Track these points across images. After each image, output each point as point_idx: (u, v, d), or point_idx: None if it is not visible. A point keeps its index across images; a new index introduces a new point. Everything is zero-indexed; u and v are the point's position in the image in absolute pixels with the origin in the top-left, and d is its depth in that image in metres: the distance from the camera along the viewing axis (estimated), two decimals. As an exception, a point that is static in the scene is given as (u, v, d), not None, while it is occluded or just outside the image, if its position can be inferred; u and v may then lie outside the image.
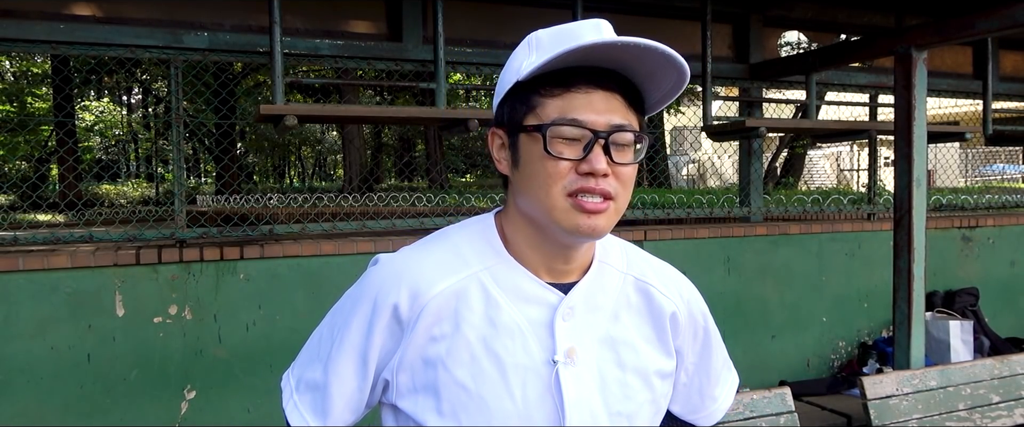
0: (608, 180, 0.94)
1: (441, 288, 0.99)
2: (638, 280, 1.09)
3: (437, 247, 1.05)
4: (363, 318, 1.01)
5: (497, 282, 1.00)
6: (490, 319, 0.99)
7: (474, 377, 0.97)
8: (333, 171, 33.82)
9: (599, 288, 1.04)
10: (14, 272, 2.95)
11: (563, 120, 0.93)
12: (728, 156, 14.81)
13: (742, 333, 4.28)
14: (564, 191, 0.93)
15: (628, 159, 0.96)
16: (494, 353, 0.98)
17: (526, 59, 0.97)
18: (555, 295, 1.01)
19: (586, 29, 0.96)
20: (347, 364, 1.01)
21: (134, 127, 26.31)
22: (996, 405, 2.97)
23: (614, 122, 0.94)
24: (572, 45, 0.90)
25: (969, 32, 3.14)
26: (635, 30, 3.21)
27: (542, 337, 0.99)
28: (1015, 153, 15.97)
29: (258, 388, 3.27)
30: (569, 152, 0.93)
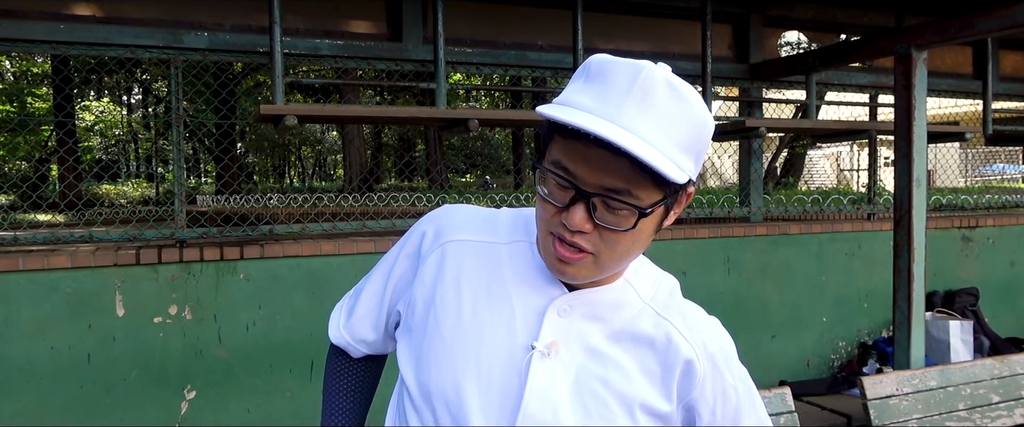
0: (586, 237, 0.90)
1: (462, 237, 1.06)
2: (658, 315, 1.03)
3: (483, 210, 1.11)
4: (400, 244, 1.13)
5: (512, 259, 1.03)
6: (489, 288, 1.01)
7: (453, 331, 1.00)
8: (333, 171, 33.83)
9: (611, 304, 1.01)
10: (14, 272, 2.95)
11: (557, 167, 0.90)
12: (728, 156, 14.81)
13: (742, 333, 4.27)
14: (547, 227, 0.94)
15: (616, 225, 0.89)
16: (479, 318, 1.00)
17: (574, 83, 0.91)
18: (560, 290, 1.00)
19: (622, 75, 0.87)
20: (377, 280, 1.14)
21: (134, 127, 26.32)
22: (996, 405, 2.97)
23: (606, 185, 0.87)
24: (564, 116, 0.84)
25: (969, 32, 3.14)
26: (635, 30, 3.25)
27: (530, 322, 0.99)
28: (1015, 153, 15.97)
29: (258, 388, 3.27)
30: (558, 196, 0.91)
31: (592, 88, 0.88)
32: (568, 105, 0.88)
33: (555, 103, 0.90)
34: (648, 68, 0.87)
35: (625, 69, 0.87)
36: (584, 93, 0.88)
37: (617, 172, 0.86)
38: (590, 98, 0.87)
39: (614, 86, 0.86)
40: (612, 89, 0.86)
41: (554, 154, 0.91)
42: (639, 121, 0.85)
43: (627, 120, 0.84)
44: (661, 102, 0.86)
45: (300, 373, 3.31)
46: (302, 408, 3.31)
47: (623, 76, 0.86)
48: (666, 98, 0.86)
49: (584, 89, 0.89)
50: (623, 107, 0.85)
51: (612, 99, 0.85)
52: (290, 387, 3.30)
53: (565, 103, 0.89)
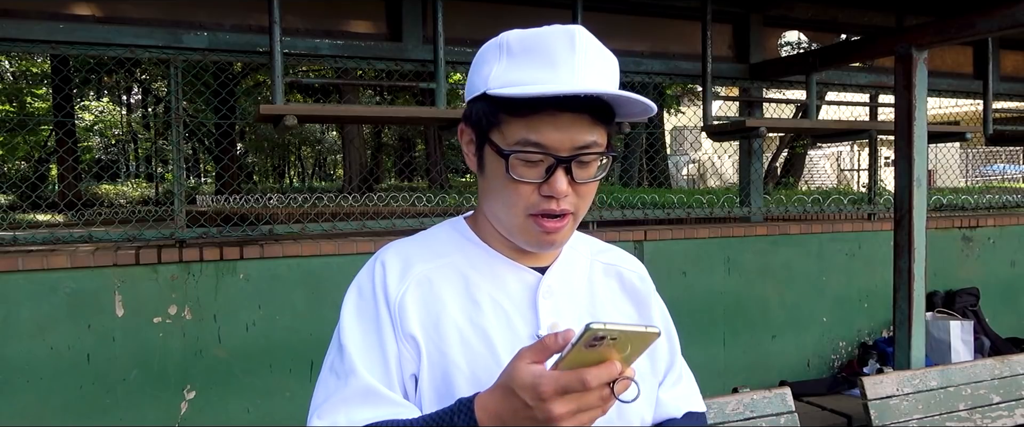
0: (569, 198, 0.97)
1: (421, 270, 1.03)
2: (607, 265, 1.14)
3: (412, 242, 1.09)
4: (357, 311, 1.03)
5: (475, 267, 1.05)
6: (472, 298, 1.02)
7: (464, 354, 0.99)
8: (333, 171, 33.81)
9: (574, 269, 1.09)
10: (14, 272, 2.94)
11: (527, 144, 0.94)
12: (728, 156, 14.80)
13: (742, 333, 4.28)
14: (525, 211, 0.98)
15: (590, 175, 0.98)
16: (481, 329, 1.01)
17: (496, 65, 0.96)
18: (532, 275, 1.05)
19: (558, 43, 0.94)
20: (371, 353, 0.99)
21: (134, 127, 26.31)
22: (996, 405, 2.96)
23: (578, 143, 0.95)
24: (541, 90, 0.90)
25: (969, 32, 3.14)
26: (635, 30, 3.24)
27: (525, 314, 1.03)
28: (1015, 153, 15.96)
29: (258, 388, 3.27)
30: (531, 174, 0.95)
31: (530, 61, 0.94)
32: (514, 84, 0.93)
33: (495, 88, 0.94)
34: (578, 31, 0.95)
35: (558, 36, 0.94)
36: (523, 68, 0.94)
37: (582, 128, 0.94)
38: (537, 70, 0.93)
39: (557, 53, 0.93)
40: (557, 56, 0.93)
41: (515, 135, 0.94)
42: (593, 76, 0.94)
43: (587, 79, 0.93)
44: (600, 57, 0.97)
45: (300, 373, 3.31)
46: (302, 408, 3.29)
47: (561, 42, 0.94)
48: (600, 52, 0.97)
49: (519, 65, 0.94)
50: (578, 69, 0.93)
51: (563, 65, 0.93)
52: (290, 387, 3.30)
53: (508, 84, 0.93)
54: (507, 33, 0.98)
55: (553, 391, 0.79)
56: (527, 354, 0.83)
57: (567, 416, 0.79)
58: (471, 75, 1.03)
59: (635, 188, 12.26)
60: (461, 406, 0.88)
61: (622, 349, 0.80)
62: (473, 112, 1.00)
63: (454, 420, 0.87)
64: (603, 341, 0.77)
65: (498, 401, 0.84)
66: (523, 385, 0.81)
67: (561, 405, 0.79)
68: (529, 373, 0.81)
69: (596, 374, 0.78)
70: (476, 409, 0.86)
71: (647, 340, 0.81)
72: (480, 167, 1.02)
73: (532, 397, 0.80)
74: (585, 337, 0.76)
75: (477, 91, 0.99)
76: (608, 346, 0.78)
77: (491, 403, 0.85)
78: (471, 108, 1.01)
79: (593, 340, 0.77)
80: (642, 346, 0.81)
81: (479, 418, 0.85)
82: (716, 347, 4.18)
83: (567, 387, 0.78)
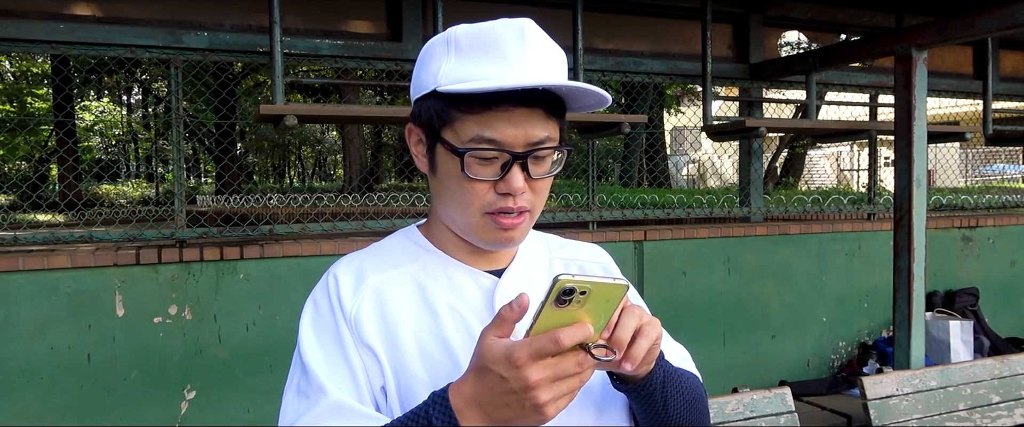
0: (524, 195, 0.96)
1: (374, 281, 1.01)
2: (566, 260, 1.13)
3: (365, 254, 1.06)
4: (315, 328, 0.99)
5: (430, 275, 1.02)
6: (429, 308, 1.00)
7: (424, 364, 0.96)
8: (333, 171, 33.81)
9: (529, 271, 1.07)
10: (14, 272, 2.95)
11: (481, 141, 0.92)
12: (728, 156, 14.79)
13: (742, 333, 4.28)
14: (482, 210, 0.96)
15: (545, 171, 0.97)
16: (440, 338, 0.98)
17: (444, 61, 0.95)
18: (489, 279, 1.03)
19: (508, 36, 0.93)
20: (336, 369, 0.95)
21: (134, 127, 26.31)
22: (996, 405, 2.96)
23: (533, 139, 0.94)
24: (494, 83, 0.89)
25: (969, 32, 3.14)
26: (635, 30, 3.24)
27: (483, 318, 0.98)
28: (1015, 153, 15.97)
29: (258, 388, 3.27)
30: (486, 172, 0.94)
31: (480, 56, 0.93)
32: (465, 80, 0.91)
33: (445, 85, 0.93)
34: (527, 24, 0.94)
35: (507, 30, 0.93)
36: (473, 64, 0.93)
37: (535, 123, 0.93)
38: (488, 65, 0.92)
39: (508, 47, 0.92)
40: (507, 50, 0.92)
41: (468, 133, 0.93)
42: (545, 69, 0.93)
43: (539, 72, 0.92)
44: (549, 49, 0.96)
45: (300, 373, 3.31)
46: (302, 408, 3.30)
47: (511, 36, 0.93)
48: (549, 45, 0.96)
49: (469, 61, 0.93)
50: (529, 62, 0.92)
51: (514, 58, 0.92)
52: (290, 387, 3.30)
53: (459, 80, 0.92)
54: (454, 28, 0.97)
55: (527, 356, 0.76)
56: (489, 331, 0.80)
57: (544, 383, 0.76)
58: (418, 72, 1.00)
59: (635, 188, 12.26)
60: (434, 399, 0.84)
61: (591, 309, 0.77)
62: (422, 111, 0.98)
63: (429, 413, 0.83)
64: (572, 297, 0.75)
65: (472, 383, 0.81)
66: (495, 358, 0.78)
67: (537, 371, 0.76)
68: (499, 344, 0.78)
69: (569, 333, 0.75)
70: (451, 397, 0.82)
71: (617, 294, 0.78)
72: (432, 168, 1.00)
73: (506, 368, 0.77)
74: (554, 291, 0.74)
75: (426, 89, 0.97)
76: (577, 304, 0.76)
77: (465, 388, 0.82)
78: (420, 107, 0.99)
79: (562, 295, 0.75)
80: (613, 304, 0.79)
81: (455, 406, 0.82)
82: (716, 347, 4.18)
83: (541, 350, 0.75)
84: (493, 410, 0.80)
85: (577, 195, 5.05)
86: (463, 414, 0.81)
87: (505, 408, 0.79)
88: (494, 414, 0.80)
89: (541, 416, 0.78)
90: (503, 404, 0.79)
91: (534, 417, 0.78)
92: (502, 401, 0.79)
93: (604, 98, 0.95)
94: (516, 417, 0.79)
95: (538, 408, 0.77)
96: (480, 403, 0.80)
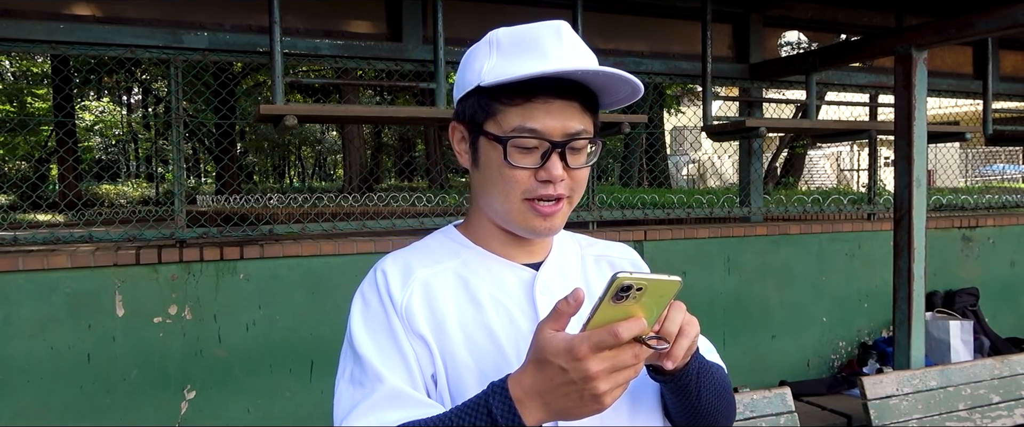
0: (564, 183, 1.01)
1: (421, 275, 1.05)
2: (597, 256, 1.18)
3: (409, 251, 1.11)
4: (366, 320, 1.03)
5: (471, 269, 1.07)
6: (474, 299, 1.04)
7: (471, 353, 1.01)
8: (333, 171, 33.81)
9: (566, 264, 1.13)
10: (14, 272, 2.95)
11: (523, 131, 0.98)
12: (728, 156, 14.79)
13: (742, 333, 4.28)
14: (522, 196, 1.02)
15: (582, 162, 1.03)
16: (485, 327, 1.02)
17: (487, 61, 1.02)
18: (527, 272, 1.09)
19: (546, 35, 1.00)
20: (390, 358, 0.99)
21: (134, 127, 26.31)
22: (996, 405, 2.96)
23: (570, 130, 0.99)
24: (536, 71, 0.95)
25: (969, 32, 3.14)
26: (635, 30, 3.24)
27: (525, 310, 1.05)
28: (1015, 153, 15.97)
29: (258, 388, 3.27)
30: (527, 161, 1.00)
31: (520, 54, 0.99)
32: (507, 75, 0.97)
33: (489, 80, 0.99)
34: (563, 25, 1.02)
35: (546, 30, 1.01)
36: (515, 61, 0.99)
37: (572, 116, 1.00)
38: (528, 60, 0.98)
39: (547, 44, 0.99)
40: (546, 47, 0.99)
41: (510, 123, 0.99)
42: (580, 63, 0.99)
43: (576, 64, 0.99)
44: (583, 47, 1.03)
45: (300, 373, 3.31)
46: (302, 408, 3.31)
47: (549, 35, 1.00)
48: (582, 45, 1.03)
49: (510, 58, 1.00)
50: (566, 57, 0.99)
51: (552, 54, 0.99)
52: (290, 387, 3.30)
53: (502, 75, 0.98)
54: (495, 31, 1.04)
55: (588, 349, 0.80)
56: (547, 325, 0.84)
57: (603, 374, 0.81)
58: (462, 74, 1.07)
59: (635, 188, 12.26)
60: (494, 389, 0.87)
61: (645, 304, 0.81)
62: (466, 108, 1.05)
63: (490, 402, 0.87)
64: (629, 293, 0.79)
65: (532, 375, 0.85)
66: (556, 351, 0.82)
67: (597, 363, 0.80)
68: (560, 338, 0.82)
69: (627, 327, 0.80)
70: (510, 388, 0.86)
71: (670, 290, 0.82)
72: (474, 161, 1.06)
73: (567, 360, 0.81)
74: (612, 289, 0.78)
75: (469, 86, 1.03)
76: (633, 300, 0.80)
77: (525, 378, 0.85)
78: (463, 105, 1.05)
79: (620, 292, 0.79)
80: (665, 298, 0.84)
81: (515, 395, 0.85)
82: (716, 347, 4.17)
83: (600, 343, 0.80)
84: (553, 400, 0.84)
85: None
86: (523, 404, 0.85)
87: (565, 398, 0.83)
88: (554, 404, 0.84)
89: (599, 405, 0.83)
90: (563, 394, 0.83)
91: (592, 406, 0.83)
92: (562, 391, 0.83)
93: (637, 88, 1.00)
94: (575, 407, 0.83)
95: (597, 398, 0.82)
96: (540, 393, 0.84)
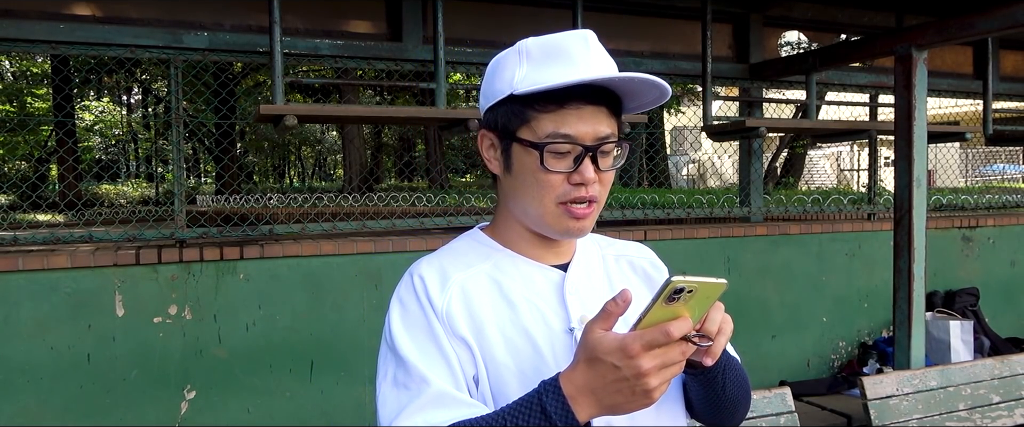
0: (594, 186, 1.05)
1: (458, 279, 1.08)
2: (617, 256, 1.23)
3: (441, 255, 1.14)
4: (406, 324, 1.05)
5: (503, 271, 1.11)
6: (507, 300, 1.08)
7: (510, 353, 1.04)
8: (333, 171, 33.81)
9: (591, 265, 1.17)
10: (14, 272, 2.95)
11: (557, 137, 1.02)
12: (728, 156, 14.79)
13: (742, 333, 4.24)
14: (556, 200, 1.05)
15: (610, 165, 1.07)
16: (521, 328, 1.06)
17: (517, 70, 1.04)
18: (556, 273, 1.12)
19: (575, 43, 1.04)
20: (433, 361, 1.00)
21: (134, 127, 26.30)
22: (996, 405, 2.96)
23: (601, 134, 1.04)
24: (572, 78, 0.99)
25: (969, 32, 3.14)
26: (635, 30, 3.25)
27: (556, 310, 1.08)
28: (1015, 153, 15.97)
29: (258, 388, 3.27)
30: (561, 165, 1.04)
31: (551, 62, 1.03)
32: (539, 83, 1.01)
33: (522, 89, 1.02)
34: (589, 33, 1.06)
35: (574, 40, 1.04)
36: (546, 69, 1.02)
37: (602, 121, 1.04)
38: (559, 68, 1.02)
39: (575, 52, 1.03)
40: (575, 55, 1.03)
41: (544, 130, 1.02)
42: (608, 70, 1.03)
43: (605, 72, 1.02)
44: (606, 54, 1.07)
45: (300, 373, 3.31)
46: (302, 408, 3.31)
47: (577, 44, 1.04)
48: (605, 50, 1.07)
49: (541, 66, 1.03)
50: (594, 64, 1.03)
51: (581, 62, 1.03)
52: (290, 387, 3.30)
53: (535, 84, 1.01)
54: (524, 41, 1.06)
55: (641, 347, 0.84)
56: (596, 325, 0.88)
57: (655, 370, 0.85)
58: (489, 83, 1.09)
59: (635, 188, 12.26)
60: (546, 387, 0.90)
61: (693, 305, 0.86)
62: (497, 116, 1.07)
63: (544, 400, 0.89)
64: (681, 295, 0.84)
65: (584, 372, 0.88)
66: (609, 349, 0.86)
67: (649, 360, 0.85)
68: (612, 337, 0.86)
69: (677, 326, 0.84)
70: (562, 385, 0.89)
71: (717, 291, 0.88)
72: (507, 167, 1.09)
73: (620, 358, 0.85)
74: (666, 291, 0.83)
75: (501, 95, 1.06)
76: (682, 301, 0.85)
77: (577, 376, 0.89)
78: (494, 114, 1.08)
79: (673, 294, 0.83)
80: (710, 300, 0.89)
81: (567, 393, 0.88)
82: (716, 347, 4.17)
83: (652, 342, 0.84)
84: (605, 396, 0.88)
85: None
86: (576, 401, 0.88)
87: (617, 394, 0.87)
88: (606, 400, 0.88)
89: (648, 400, 0.87)
90: (615, 390, 0.87)
91: (643, 401, 0.88)
92: (614, 388, 0.87)
93: (665, 91, 1.03)
94: (626, 402, 0.88)
95: (648, 393, 0.87)
96: (593, 390, 0.88)
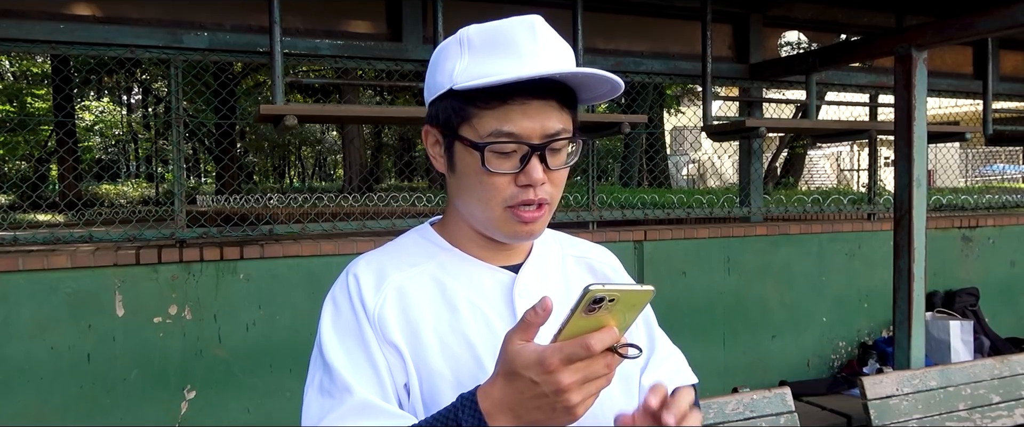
0: (544, 187, 0.97)
1: (395, 280, 1.01)
2: (578, 258, 1.15)
3: (383, 253, 1.07)
4: (336, 327, 0.99)
5: (448, 272, 1.03)
6: (450, 304, 1.01)
7: (446, 361, 0.97)
8: (333, 171, 33.81)
9: (546, 266, 1.09)
10: (14, 272, 2.95)
11: (500, 135, 0.94)
12: (728, 156, 14.76)
13: (742, 333, 4.28)
14: (503, 204, 0.97)
15: (562, 162, 0.99)
16: (461, 334, 0.99)
17: (458, 61, 0.97)
18: (506, 275, 1.05)
19: (520, 32, 0.95)
20: (360, 368, 0.96)
21: (134, 127, 26.30)
22: (996, 405, 2.96)
23: (549, 131, 0.95)
24: (512, 73, 0.90)
25: (969, 32, 3.14)
26: (635, 30, 3.24)
27: (503, 315, 1.01)
28: (1015, 153, 15.96)
29: (258, 388, 3.27)
30: (506, 165, 0.96)
31: (493, 53, 0.94)
32: (480, 77, 0.93)
33: (461, 83, 0.94)
34: (537, 20, 0.96)
35: (519, 27, 0.95)
36: (487, 61, 0.94)
37: (550, 115, 0.95)
38: (501, 61, 0.93)
39: (520, 42, 0.94)
40: (520, 45, 0.94)
41: (486, 128, 0.94)
42: (556, 61, 0.95)
43: (552, 64, 0.94)
44: (558, 42, 0.98)
45: (300, 373, 3.29)
46: (302, 408, 3.30)
47: (522, 33, 0.95)
48: (558, 39, 0.98)
49: (483, 58, 0.95)
50: (541, 55, 0.94)
51: (526, 53, 0.94)
52: (290, 387, 3.30)
53: (475, 77, 0.93)
54: (465, 29, 0.99)
55: (560, 361, 0.77)
56: (515, 336, 0.81)
57: (575, 386, 0.78)
58: (432, 74, 1.02)
59: (635, 188, 12.26)
60: (463, 401, 0.85)
61: (618, 313, 0.79)
62: (438, 111, 1.00)
63: (459, 415, 0.84)
64: (601, 304, 0.77)
65: (502, 387, 0.82)
66: (526, 363, 0.79)
67: (569, 375, 0.78)
68: (530, 350, 0.79)
69: (599, 338, 0.77)
70: (479, 400, 0.83)
71: (642, 300, 0.81)
72: (450, 167, 1.01)
73: (538, 372, 0.78)
74: (584, 301, 0.76)
75: (441, 89, 0.98)
76: (605, 310, 0.78)
77: (495, 391, 0.82)
78: (435, 108, 1.01)
79: (592, 304, 0.76)
80: (637, 308, 0.82)
81: (484, 408, 0.82)
82: (716, 347, 4.18)
83: (572, 356, 0.77)
84: (524, 412, 0.81)
85: (577, 195, 5.05)
86: (493, 417, 0.82)
87: (536, 410, 0.81)
88: (524, 416, 0.81)
89: (571, 417, 0.80)
90: (534, 407, 0.80)
91: (565, 418, 0.80)
92: (533, 404, 0.80)
93: (617, 85, 0.96)
94: (547, 418, 0.81)
95: (569, 410, 0.80)
96: (511, 406, 0.81)
